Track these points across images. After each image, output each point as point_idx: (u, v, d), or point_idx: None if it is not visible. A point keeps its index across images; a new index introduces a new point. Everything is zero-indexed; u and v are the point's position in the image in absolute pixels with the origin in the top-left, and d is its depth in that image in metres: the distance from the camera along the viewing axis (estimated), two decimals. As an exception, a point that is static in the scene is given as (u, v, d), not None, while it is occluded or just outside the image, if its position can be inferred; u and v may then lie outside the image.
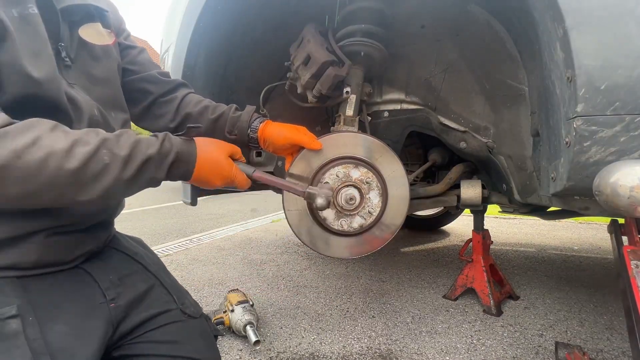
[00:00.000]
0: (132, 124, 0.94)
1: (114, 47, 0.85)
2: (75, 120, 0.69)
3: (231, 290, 1.81)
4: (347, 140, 1.05)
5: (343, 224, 1.03)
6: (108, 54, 0.82)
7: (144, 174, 0.65)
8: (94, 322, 0.70)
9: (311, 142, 0.97)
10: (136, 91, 0.94)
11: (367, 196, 1.03)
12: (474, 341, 1.59)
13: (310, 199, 0.87)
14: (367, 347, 1.55)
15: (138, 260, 0.88)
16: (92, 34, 0.77)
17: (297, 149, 0.99)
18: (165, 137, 0.70)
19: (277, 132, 0.96)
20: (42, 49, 0.64)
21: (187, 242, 3.44)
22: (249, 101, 1.64)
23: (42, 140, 0.54)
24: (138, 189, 0.67)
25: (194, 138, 0.77)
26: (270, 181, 0.85)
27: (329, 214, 1.03)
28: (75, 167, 0.56)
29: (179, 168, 0.71)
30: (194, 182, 0.75)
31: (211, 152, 0.76)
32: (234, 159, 0.81)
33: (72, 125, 0.68)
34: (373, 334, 1.67)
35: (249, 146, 1.00)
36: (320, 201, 0.85)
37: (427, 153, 1.90)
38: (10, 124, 0.53)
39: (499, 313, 1.84)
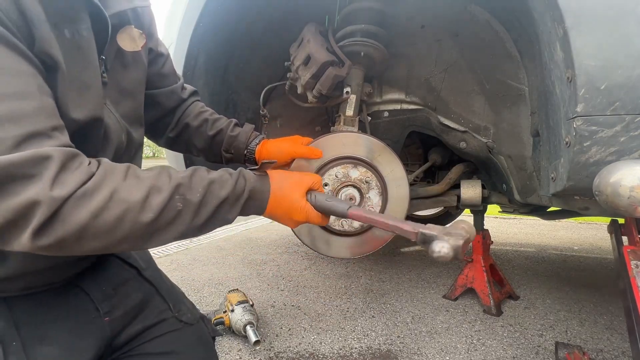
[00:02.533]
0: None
1: (143, 51, 0.78)
2: (101, 149, 0.65)
3: (231, 290, 1.81)
4: (346, 140, 1.05)
5: (344, 224, 1.03)
6: (136, 61, 0.76)
7: (217, 217, 0.63)
8: (86, 340, 0.68)
9: (311, 153, 0.98)
10: (153, 103, 0.90)
11: (367, 195, 1.02)
12: (474, 341, 1.59)
13: (424, 243, 0.63)
14: (367, 347, 1.55)
15: (132, 264, 0.85)
16: (126, 39, 0.70)
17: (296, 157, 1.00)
18: (239, 174, 0.67)
19: (276, 149, 0.96)
20: (91, 81, 0.60)
21: (187, 242, 3.44)
22: (249, 101, 1.64)
23: (119, 193, 0.52)
24: (208, 231, 0.64)
25: (269, 172, 0.73)
26: (372, 220, 0.69)
27: (329, 214, 1.03)
28: (151, 219, 0.54)
29: (251, 206, 0.68)
30: (267, 217, 0.72)
31: (285, 191, 0.71)
32: (313, 191, 0.75)
33: (96, 155, 0.63)
34: (373, 334, 1.67)
35: (245, 165, 0.99)
36: (441, 248, 0.58)
37: (427, 153, 1.90)
38: (90, 177, 0.50)
39: (499, 313, 1.84)
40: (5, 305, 0.61)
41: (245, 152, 0.97)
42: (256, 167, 0.72)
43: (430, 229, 0.63)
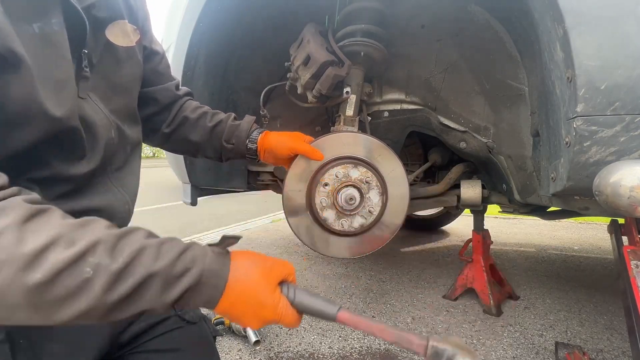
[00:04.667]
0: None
1: (137, 47, 0.75)
2: (89, 148, 0.62)
3: (231, 290, 1.81)
4: (346, 140, 1.05)
5: (344, 224, 1.03)
6: (131, 57, 0.73)
7: (141, 298, 0.45)
8: (92, 338, 0.68)
9: (312, 153, 0.97)
10: (149, 100, 0.89)
11: (367, 195, 1.02)
12: (474, 341, 1.59)
13: (437, 358, 0.52)
14: (367, 347, 1.55)
15: None
16: (118, 34, 0.67)
17: (295, 156, 1.00)
18: (189, 248, 0.50)
19: (279, 141, 0.94)
20: (66, 77, 0.56)
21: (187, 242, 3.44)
22: (249, 101, 1.64)
23: (1, 239, 0.38)
24: (120, 318, 0.45)
25: (232, 252, 0.56)
26: (369, 328, 0.56)
27: (329, 215, 1.03)
28: (37, 281, 0.38)
29: (197, 294, 0.49)
30: (219, 313, 0.54)
31: (253, 280, 0.52)
32: (284, 284, 0.58)
33: (84, 156, 0.61)
34: (373, 334, 1.67)
35: (246, 157, 0.98)
36: None
37: (427, 153, 1.90)
38: None
39: (499, 313, 1.84)
40: None
41: (247, 141, 0.95)
42: (215, 243, 0.56)
43: (443, 342, 0.52)
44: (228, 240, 0.56)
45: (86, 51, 0.61)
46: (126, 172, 0.75)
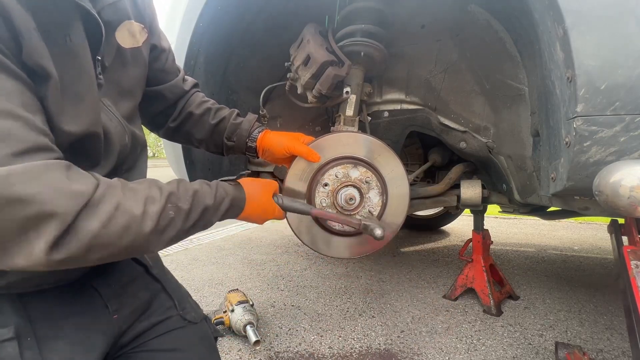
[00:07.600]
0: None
1: (144, 47, 0.76)
2: (104, 156, 0.65)
3: (231, 290, 1.81)
4: (346, 140, 1.05)
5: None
6: (136, 58, 0.74)
7: (201, 222, 0.67)
8: (96, 336, 0.69)
9: (309, 154, 0.97)
10: (157, 97, 0.90)
11: (367, 195, 1.02)
12: (474, 341, 1.59)
13: (365, 230, 0.89)
14: (367, 347, 1.55)
15: (140, 261, 0.85)
16: (126, 35, 0.68)
17: (294, 156, 1.00)
18: (218, 185, 0.73)
19: (276, 141, 0.96)
20: (85, 91, 0.59)
21: (187, 242, 3.44)
22: (249, 101, 1.64)
23: (123, 204, 0.53)
24: (192, 235, 0.68)
25: (240, 181, 0.80)
26: (330, 216, 0.91)
27: (329, 214, 1.03)
28: (151, 228, 0.57)
29: (230, 212, 0.75)
30: (238, 219, 0.80)
31: (258, 197, 0.80)
32: (275, 194, 0.85)
33: (99, 163, 0.65)
34: (373, 334, 1.67)
35: (246, 154, 1.00)
36: (378, 232, 0.86)
37: (427, 153, 1.90)
38: (95, 187, 0.52)
39: (499, 313, 1.84)
40: (20, 302, 0.62)
41: (247, 140, 0.97)
42: (232, 178, 0.79)
43: (369, 220, 0.90)
44: (242, 176, 0.75)
45: (99, 58, 0.63)
46: (135, 173, 0.77)
